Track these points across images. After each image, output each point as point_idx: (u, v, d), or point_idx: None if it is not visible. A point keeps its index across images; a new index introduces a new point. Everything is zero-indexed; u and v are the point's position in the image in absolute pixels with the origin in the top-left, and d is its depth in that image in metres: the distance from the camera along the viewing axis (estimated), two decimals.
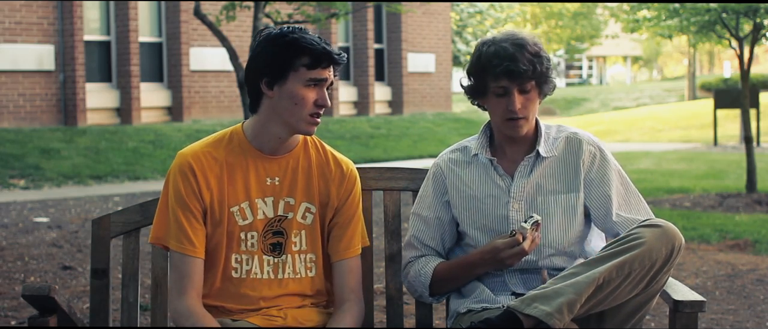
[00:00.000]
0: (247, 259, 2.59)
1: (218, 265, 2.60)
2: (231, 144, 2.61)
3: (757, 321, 5.17)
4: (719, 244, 7.58)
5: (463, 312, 2.73)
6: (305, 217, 2.63)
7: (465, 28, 31.02)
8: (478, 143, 2.80)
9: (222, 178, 2.58)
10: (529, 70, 2.63)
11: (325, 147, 2.71)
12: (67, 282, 6.18)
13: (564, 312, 2.41)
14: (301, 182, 2.62)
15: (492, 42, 2.69)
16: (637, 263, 2.45)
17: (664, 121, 25.40)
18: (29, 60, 15.73)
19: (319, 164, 2.66)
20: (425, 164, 15.19)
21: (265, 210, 2.60)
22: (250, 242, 2.59)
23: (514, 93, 2.66)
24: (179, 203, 2.56)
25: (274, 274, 2.60)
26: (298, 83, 2.53)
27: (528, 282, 2.70)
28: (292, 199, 2.62)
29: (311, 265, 2.63)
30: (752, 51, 10.12)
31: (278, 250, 2.61)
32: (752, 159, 10.24)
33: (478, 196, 2.76)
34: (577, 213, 2.74)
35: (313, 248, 2.64)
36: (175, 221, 2.56)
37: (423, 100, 22.26)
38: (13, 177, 12.64)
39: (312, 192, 2.63)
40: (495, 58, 2.64)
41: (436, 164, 2.86)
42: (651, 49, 46.56)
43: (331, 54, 2.53)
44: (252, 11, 8.72)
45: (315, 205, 2.63)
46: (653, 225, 2.50)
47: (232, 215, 2.59)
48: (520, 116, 2.67)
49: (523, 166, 2.75)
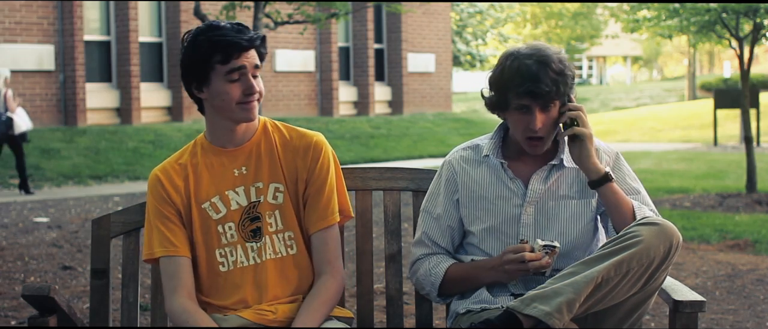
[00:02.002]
0: (230, 251, 2.63)
1: (203, 263, 2.64)
2: (194, 149, 2.70)
3: (757, 321, 5.17)
4: (719, 244, 7.58)
5: (462, 313, 2.73)
6: (276, 197, 2.65)
7: (465, 28, 31.02)
8: (491, 144, 2.78)
9: (188, 180, 2.65)
10: (552, 92, 2.62)
11: (288, 127, 2.74)
12: (67, 282, 6.18)
13: (563, 312, 2.41)
14: (266, 164, 2.66)
15: (516, 56, 2.65)
16: (635, 261, 2.44)
17: (664, 121, 25.40)
18: (29, 60, 15.73)
19: (282, 144, 2.69)
20: (425, 164, 15.19)
21: (238, 200, 2.64)
22: (229, 233, 2.63)
23: (536, 112, 2.64)
24: (155, 214, 2.64)
25: (259, 258, 2.64)
26: (219, 80, 2.58)
27: (528, 284, 2.69)
28: (260, 183, 2.65)
29: (291, 243, 2.65)
30: (752, 51, 10.13)
31: (258, 234, 2.63)
32: (752, 159, 10.24)
33: (488, 197, 2.75)
34: (586, 220, 2.74)
35: (289, 226, 2.65)
36: (156, 230, 2.63)
37: (423, 100, 22.27)
38: (13, 177, 12.64)
39: (277, 172, 2.66)
40: (517, 76, 2.61)
41: (448, 161, 2.83)
42: (651, 49, 46.56)
43: (238, 43, 2.55)
44: (252, 11, 8.72)
45: (282, 183, 2.65)
46: (650, 223, 2.49)
47: (205, 211, 2.64)
48: (540, 135, 2.66)
49: (542, 171, 2.74)
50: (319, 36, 19.83)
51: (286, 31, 18.64)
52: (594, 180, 2.65)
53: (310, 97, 20.02)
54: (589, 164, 2.66)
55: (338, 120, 19.32)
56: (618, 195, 2.65)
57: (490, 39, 33.26)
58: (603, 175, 2.64)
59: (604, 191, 2.66)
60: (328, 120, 19.09)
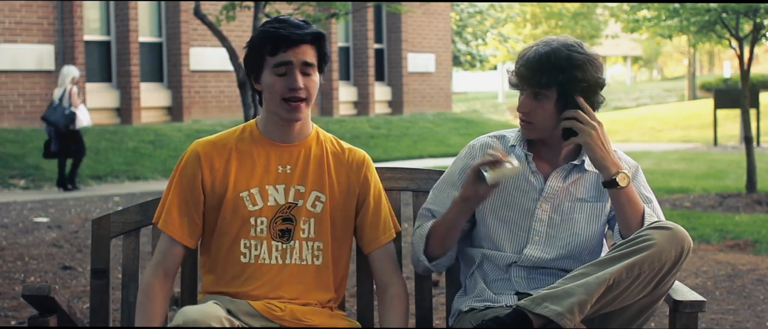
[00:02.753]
0: (256, 244, 2.62)
1: (225, 249, 2.64)
2: (243, 134, 2.69)
3: (757, 321, 5.17)
4: (719, 244, 7.58)
5: (465, 310, 2.73)
6: (315, 205, 2.65)
7: (465, 28, 31.01)
8: (518, 135, 2.78)
9: (230, 163, 2.64)
10: (533, 80, 2.63)
11: (339, 142, 2.77)
12: (67, 282, 6.18)
13: (575, 312, 2.40)
14: (312, 170, 2.66)
15: (534, 44, 2.71)
16: (646, 264, 2.44)
17: (664, 121, 25.41)
18: (29, 60, 15.73)
19: (334, 154, 2.71)
20: (425, 164, 15.19)
21: (276, 197, 2.63)
22: (260, 227, 2.62)
23: (524, 95, 2.69)
24: (179, 189, 2.65)
25: (282, 259, 2.63)
26: (268, 73, 2.60)
27: (532, 283, 2.69)
28: (302, 187, 2.65)
29: (318, 253, 2.65)
30: (752, 51, 10.13)
31: (287, 236, 2.63)
32: (752, 159, 10.24)
33: (506, 187, 2.74)
34: (599, 223, 2.75)
35: (321, 236, 2.66)
36: (176, 206, 2.64)
37: (423, 100, 22.26)
38: (13, 177, 12.64)
39: (322, 181, 2.66)
40: (518, 57, 2.71)
41: (473, 145, 2.82)
42: (651, 49, 46.53)
43: (287, 37, 2.56)
44: (252, 11, 8.72)
45: (325, 194, 2.66)
46: (663, 227, 2.49)
47: (242, 200, 2.62)
48: (524, 119, 2.69)
49: (562, 169, 2.74)
50: None
51: None
52: (605, 181, 2.64)
53: None
54: (599, 165, 2.64)
55: (338, 120, 19.32)
56: (629, 198, 2.63)
57: (490, 39, 33.25)
58: (612, 178, 2.61)
59: (614, 192, 2.64)
60: (328, 120, 19.09)
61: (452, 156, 16.78)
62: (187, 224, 2.64)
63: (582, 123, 2.63)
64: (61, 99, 11.73)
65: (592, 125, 2.62)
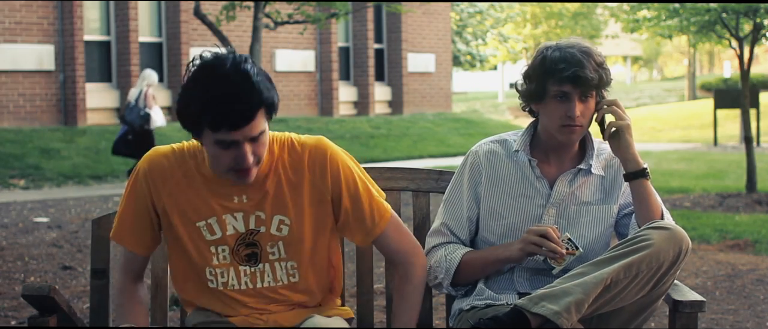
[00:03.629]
0: (221, 272, 2.49)
1: (192, 273, 2.54)
2: (201, 155, 2.48)
3: (757, 321, 5.17)
4: (719, 244, 7.58)
5: (466, 309, 2.72)
6: (280, 229, 2.48)
7: (465, 28, 31.02)
8: (521, 140, 2.76)
9: (183, 188, 2.47)
10: (595, 79, 2.63)
11: (294, 142, 2.51)
12: (67, 282, 6.18)
13: (572, 312, 2.41)
14: (272, 196, 2.46)
15: (557, 47, 2.66)
16: (644, 264, 2.44)
17: (664, 121, 25.41)
18: (29, 60, 15.73)
19: (292, 166, 2.47)
20: (425, 164, 15.19)
21: (235, 225, 2.47)
22: (222, 255, 2.49)
23: (575, 99, 2.64)
24: (132, 203, 2.51)
25: (253, 283, 2.50)
26: (210, 142, 2.33)
27: (534, 283, 2.69)
28: (262, 213, 2.47)
29: (293, 271, 2.52)
30: (752, 51, 10.12)
31: (254, 259, 2.49)
32: (752, 159, 10.24)
33: (512, 194, 2.74)
34: (605, 225, 2.75)
35: (294, 256, 2.50)
36: (124, 215, 2.53)
37: (423, 100, 22.26)
38: (13, 177, 12.64)
39: (284, 204, 2.46)
40: (562, 62, 2.62)
41: (475, 153, 2.80)
42: (651, 49, 46.54)
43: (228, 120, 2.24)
44: (252, 11, 8.72)
45: (288, 217, 2.47)
46: (661, 227, 2.50)
47: (199, 229, 2.47)
48: (577, 124, 2.65)
49: (568, 174, 2.74)
50: (319, 36, 19.83)
51: (286, 31, 18.64)
52: (631, 172, 2.66)
53: (310, 97, 20.01)
54: (628, 155, 2.67)
55: (338, 120, 19.32)
56: (650, 191, 2.66)
57: (490, 39, 33.26)
58: (641, 168, 2.65)
59: (637, 184, 2.66)
60: (328, 120, 19.09)
61: (452, 156, 16.82)
62: (141, 236, 2.53)
63: (621, 110, 2.69)
64: (136, 100, 11.95)
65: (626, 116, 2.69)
